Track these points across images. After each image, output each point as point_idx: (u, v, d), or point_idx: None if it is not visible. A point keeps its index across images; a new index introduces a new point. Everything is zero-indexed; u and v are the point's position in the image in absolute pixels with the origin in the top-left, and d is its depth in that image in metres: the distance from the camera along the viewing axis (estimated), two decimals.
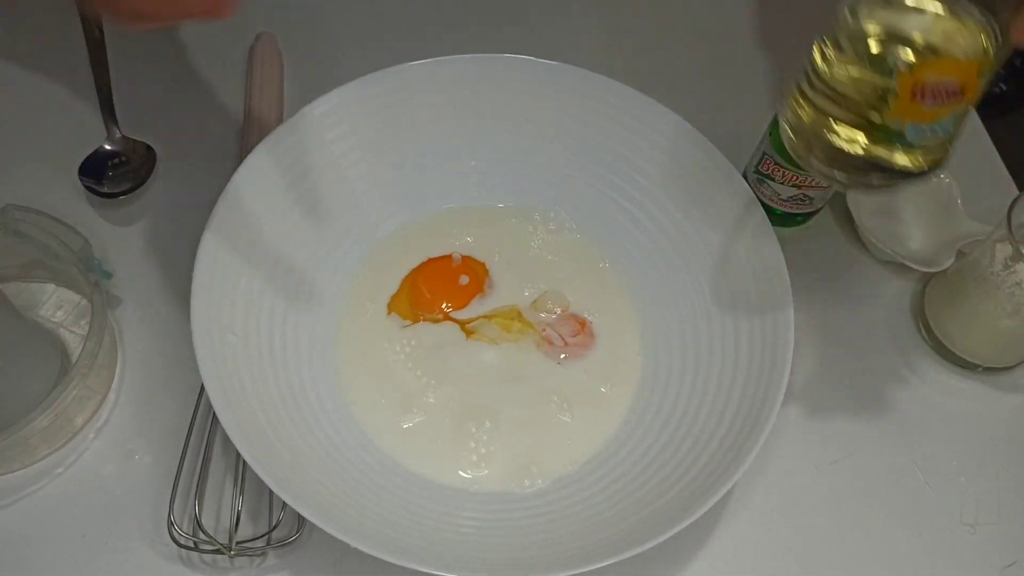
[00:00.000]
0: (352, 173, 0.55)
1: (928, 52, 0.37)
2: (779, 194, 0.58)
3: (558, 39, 0.69)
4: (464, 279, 0.54)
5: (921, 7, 0.38)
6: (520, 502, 0.48)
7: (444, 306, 0.54)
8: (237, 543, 0.45)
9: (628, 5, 0.73)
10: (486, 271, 0.55)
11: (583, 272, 0.56)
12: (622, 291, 0.56)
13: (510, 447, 0.50)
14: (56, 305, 0.54)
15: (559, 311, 0.54)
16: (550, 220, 0.58)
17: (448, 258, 0.55)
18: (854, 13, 0.38)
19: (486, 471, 0.49)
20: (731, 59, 0.70)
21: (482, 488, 0.48)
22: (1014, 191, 0.64)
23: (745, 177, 0.59)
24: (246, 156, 0.50)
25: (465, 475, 0.49)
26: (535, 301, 0.54)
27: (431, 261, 0.56)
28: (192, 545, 0.46)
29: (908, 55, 0.37)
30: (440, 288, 0.54)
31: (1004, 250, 0.51)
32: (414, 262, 0.56)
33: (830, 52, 0.39)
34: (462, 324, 0.53)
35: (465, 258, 0.56)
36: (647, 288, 0.55)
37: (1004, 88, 0.94)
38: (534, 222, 0.58)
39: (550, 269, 0.56)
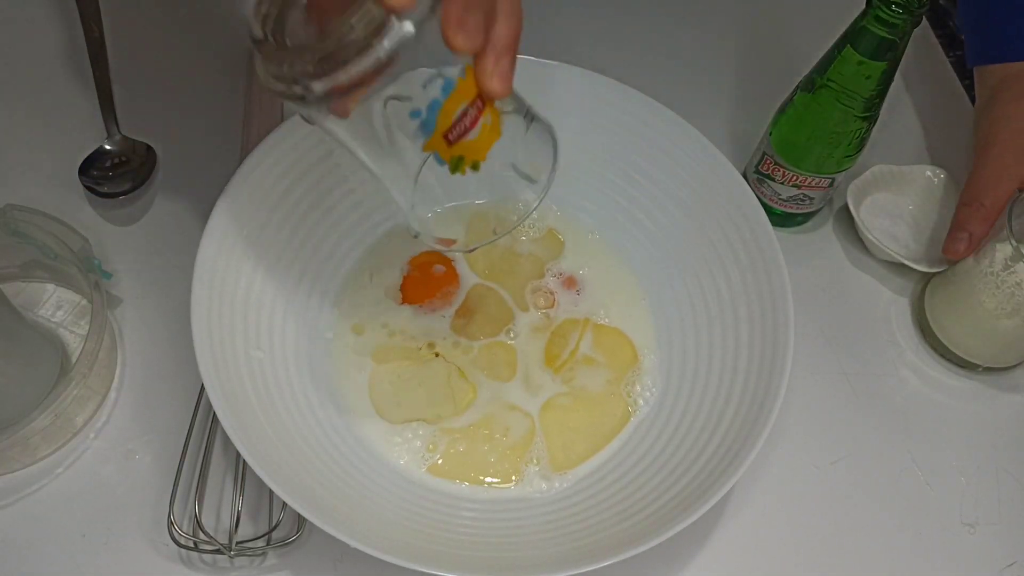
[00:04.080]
0: (352, 174, 0.55)
1: None
2: (779, 194, 0.58)
3: (558, 39, 0.69)
4: (439, 268, 0.55)
5: None
6: (520, 503, 0.48)
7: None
8: (237, 543, 0.45)
9: (628, 5, 0.73)
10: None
11: (590, 273, 0.57)
12: (622, 291, 0.56)
13: (512, 450, 0.50)
14: (56, 305, 0.54)
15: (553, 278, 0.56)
16: (554, 218, 0.58)
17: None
18: None
19: (487, 471, 0.49)
20: (731, 59, 0.70)
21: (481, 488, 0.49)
22: None
23: (745, 177, 0.59)
24: (246, 156, 0.50)
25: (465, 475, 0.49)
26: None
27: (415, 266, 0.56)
28: (192, 545, 0.46)
29: None
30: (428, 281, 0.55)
31: (1004, 250, 0.51)
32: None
33: None
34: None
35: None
36: (645, 289, 0.55)
37: None
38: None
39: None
